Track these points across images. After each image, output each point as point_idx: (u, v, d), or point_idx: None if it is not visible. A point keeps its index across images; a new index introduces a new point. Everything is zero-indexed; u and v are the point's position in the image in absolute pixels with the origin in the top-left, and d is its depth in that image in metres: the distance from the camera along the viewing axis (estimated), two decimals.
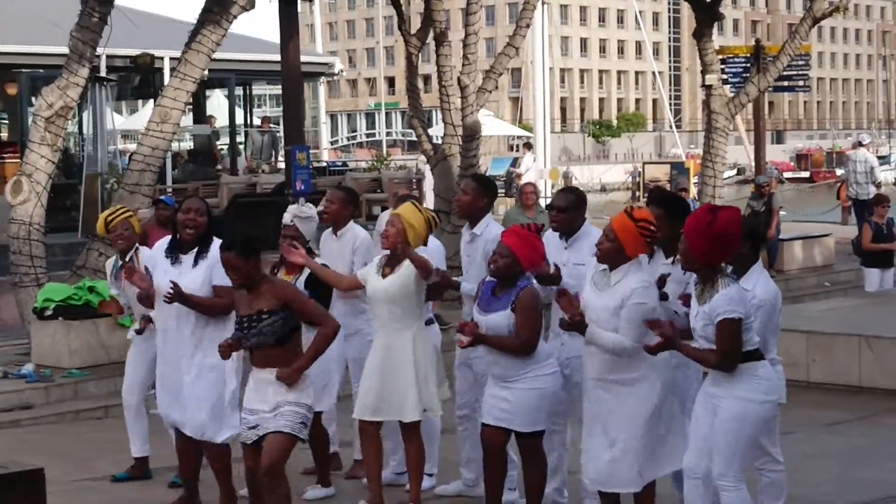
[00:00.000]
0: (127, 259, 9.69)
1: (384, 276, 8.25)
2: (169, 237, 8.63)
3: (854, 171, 24.39)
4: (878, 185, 24.47)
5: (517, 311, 7.59)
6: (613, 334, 7.08)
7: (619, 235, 7.16)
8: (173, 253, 8.40)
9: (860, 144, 26.31)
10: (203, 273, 8.26)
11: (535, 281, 7.83)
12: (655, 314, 7.09)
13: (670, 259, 7.58)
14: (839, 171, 72.95)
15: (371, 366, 8.37)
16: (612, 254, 7.19)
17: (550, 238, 8.38)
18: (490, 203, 8.87)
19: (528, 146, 37.37)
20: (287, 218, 8.77)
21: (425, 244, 8.47)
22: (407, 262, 8.13)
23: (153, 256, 8.67)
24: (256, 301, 7.31)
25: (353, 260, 9.13)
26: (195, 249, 8.34)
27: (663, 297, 7.38)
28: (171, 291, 7.96)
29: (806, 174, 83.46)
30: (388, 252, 8.29)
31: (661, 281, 7.46)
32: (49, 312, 13.03)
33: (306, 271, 8.63)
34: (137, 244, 9.81)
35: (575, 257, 8.08)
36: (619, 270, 7.18)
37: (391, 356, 8.25)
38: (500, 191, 31.21)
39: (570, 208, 8.34)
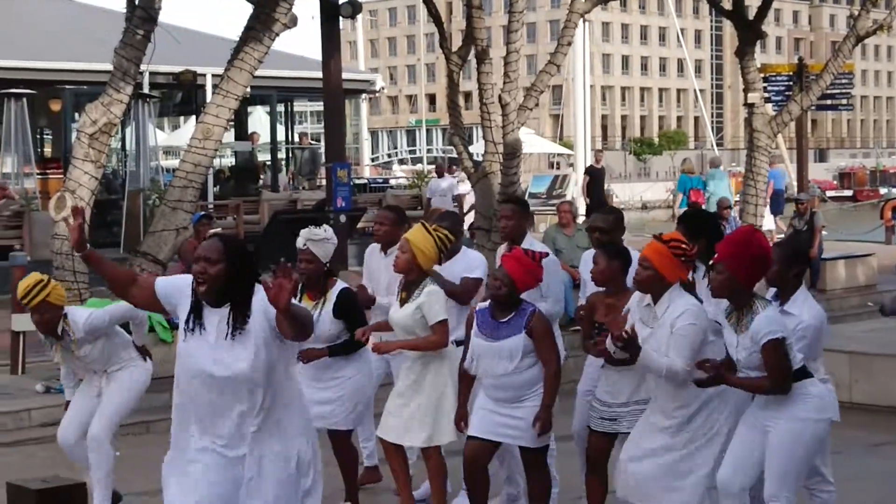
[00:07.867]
0: (59, 332, 8.61)
1: (402, 302, 8.19)
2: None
3: None
4: None
5: (536, 337, 7.61)
6: (666, 358, 6.88)
7: (654, 262, 7.03)
8: (198, 320, 5.83)
9: None
10: (254, 357, 5.76)
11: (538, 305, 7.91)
12: (706, 336, 7.00)
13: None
14: (883, 190, 72.32)
15: (395, 389, 8.41)
16: (653, 281, 7.05)
17: (588, 257, 8.38)
18: (530, 222, 8.92)
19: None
20: (300, 242, 8.55)
21: (440, 263, 8.38)
22: (424, 289, 8.06)
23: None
24: None
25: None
26: (219, 309, 5.81)
27: None
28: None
29: (849, 193, 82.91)
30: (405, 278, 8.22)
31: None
32: None
33: (332, 299, 8.47)
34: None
35: None
36: (662, 301, 7.04)
37: (409, 382, 8.25)
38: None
39: (612, 229, 8.37)
